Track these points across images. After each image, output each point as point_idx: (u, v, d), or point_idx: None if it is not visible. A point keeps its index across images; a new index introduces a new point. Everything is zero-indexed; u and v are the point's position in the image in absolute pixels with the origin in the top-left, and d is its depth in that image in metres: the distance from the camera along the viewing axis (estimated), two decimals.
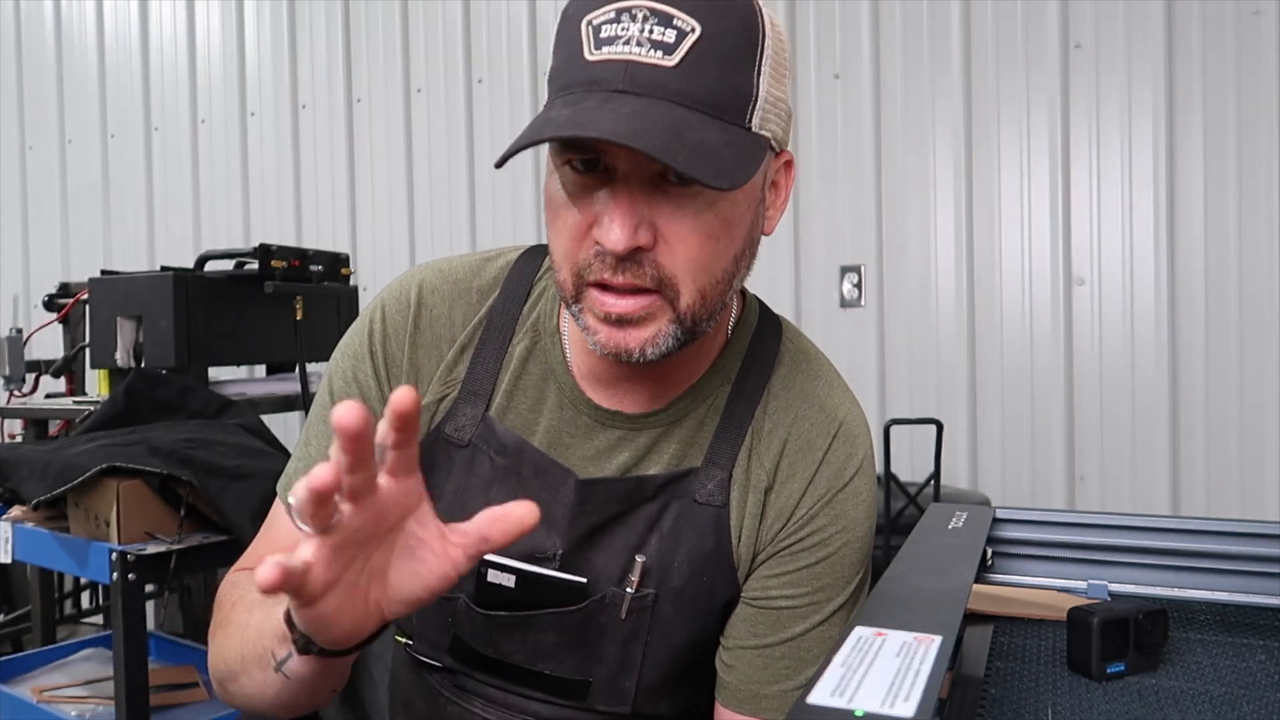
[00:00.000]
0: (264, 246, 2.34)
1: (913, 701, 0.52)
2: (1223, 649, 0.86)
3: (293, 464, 0.94)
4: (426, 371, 0.90)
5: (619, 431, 0.87)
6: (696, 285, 0.76)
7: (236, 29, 4.00)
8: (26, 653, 2.28)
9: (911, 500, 2.40)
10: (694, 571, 0.87)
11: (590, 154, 0.73)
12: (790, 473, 0.89)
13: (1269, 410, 2.52)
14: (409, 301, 0.91)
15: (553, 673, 0.89)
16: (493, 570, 0.86)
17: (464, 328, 0.90)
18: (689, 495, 0.87)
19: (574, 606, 0.86)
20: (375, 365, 0.90)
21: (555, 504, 0.85)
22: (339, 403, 0.53)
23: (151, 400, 1.98)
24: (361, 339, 0.91)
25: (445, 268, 0.93)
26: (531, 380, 0.88)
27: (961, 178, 2.83)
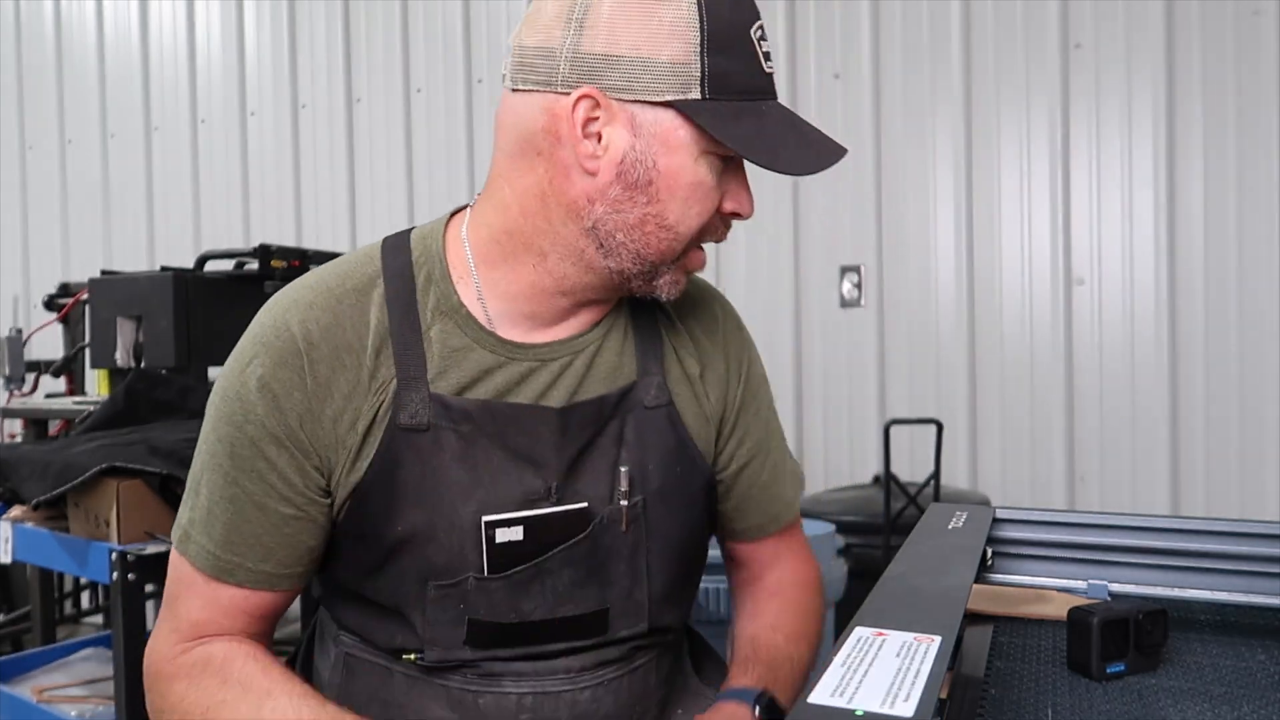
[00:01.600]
0: (264, 246, 2.33)
1: (913, 701, 0.52)
2: (1223, 649, 0.86)
3: (185, 514, 0.91)
4: (344, 395, 0.88)
5: (558, 361, 0.92)
6: None
7: (236, 29, 4.00)
8: (26, 653, 2.28)
9: (911, 500, 2.40)
10: (666, 468, 0.95)
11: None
12: (710, 352, 1.02)
13: (1269, 410, 2.52)
14: (295, 352, 0.87)
15: (572, 613, 0.91)
16: (500, 529, 0.88)
17: (362, 330, 0.89)
18: (639, 404, 0.94)
19: (581, 535, 0.90)
20: (288, 445, 0.87)
21: (537, 444, 0.90)
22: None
23: (151, 400, 1.98)
24: (258, 423, 0.87)
25: (304, 292, 0.91)
26: (458, 353, 0.90)
27: (961, 178, 2.83)
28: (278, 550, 0.89)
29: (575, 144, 0.83)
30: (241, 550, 0.88)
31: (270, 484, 0.87)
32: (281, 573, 0.90)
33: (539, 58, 0.83)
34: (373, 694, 0.96)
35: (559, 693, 0.93)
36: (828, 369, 2.99)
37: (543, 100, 0.84)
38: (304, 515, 0.88)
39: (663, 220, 0.85)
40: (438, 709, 0.94)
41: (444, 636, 0.91)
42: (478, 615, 0.90)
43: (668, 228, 0.86)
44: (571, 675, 0.93)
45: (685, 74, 0.82)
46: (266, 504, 0.87)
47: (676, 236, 0.87)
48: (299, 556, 0.90)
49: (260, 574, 0.89)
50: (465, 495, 0.88)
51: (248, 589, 0.89)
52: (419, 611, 0.90)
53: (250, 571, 0.89)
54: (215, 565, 0.89)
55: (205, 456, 0.90)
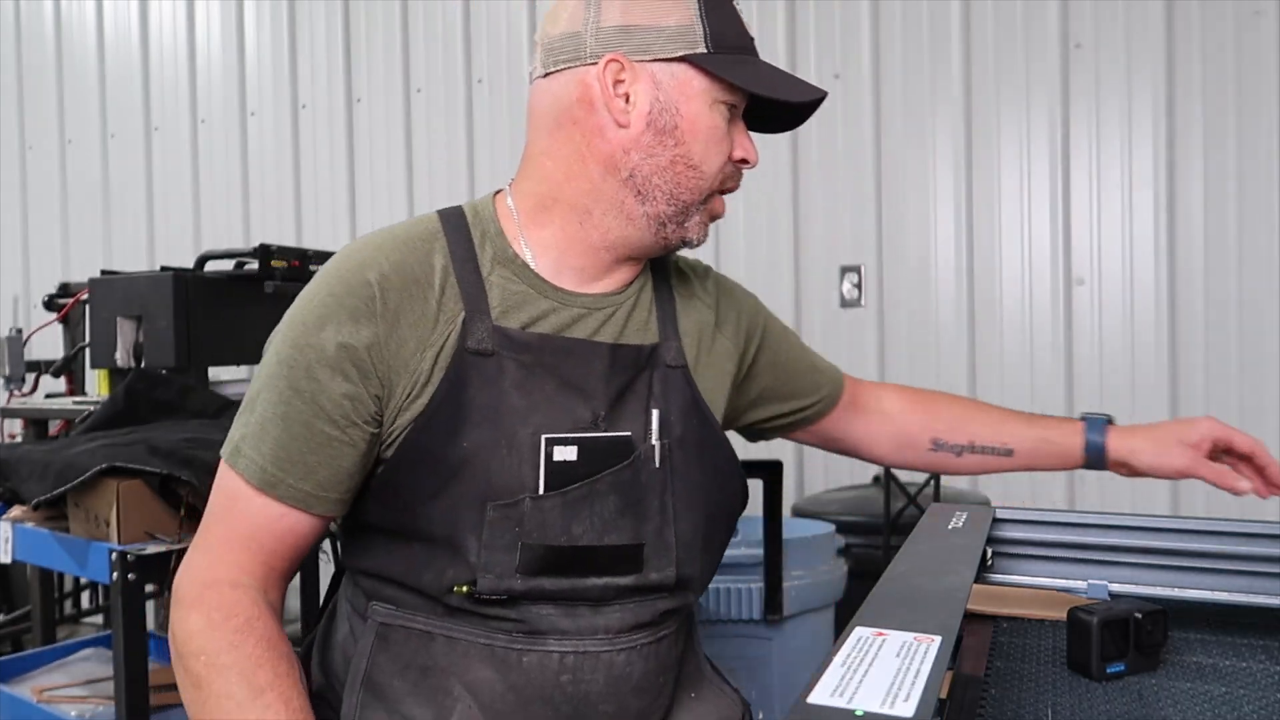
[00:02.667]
0: (264, 246, 2.33)
1: (913, 701, 0.52)
2: (1223, 649, 0.86)
3: (238, 430, 0.98)
4: (411, 324, 0.96)
5: (601, 311, 1.03)
6: None
7: (236, 29, 4.00)
8: (26, 653, 2.28)
9: (911, 500, 2.40)
10: (685, 420, 1.05)
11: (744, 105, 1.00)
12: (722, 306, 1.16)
13: (1269, 410, 2.52)
14: (365, 283, 0.95)
15: (614, 542, 0.99)
16: (557, 447, 0.96)
17: (428, 269, 0.98)
18: (663, 362, 1.05)
19: (625, 462, 0.99)
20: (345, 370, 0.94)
21: (589, 375, 1.00)
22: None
23: (151, 400, 1.98)
24: (319, 348, 0.94)
25: (372, 237, 1.01)
26: (517, 295, 1.00)
27: (961, 178, 2.83)
28: (318, 471, 0.95)
29: (608, 102, 0.97)
30: (286, 466, 0.94)
31: (320, 406, 0.94)
32: (318, 494, 0.95)
33: (565, 41, 0.98)
34: (408, 661, 0.99)
35: (598, 653, 0.99)
36: None
37: (574, 75, 0.98)
38: (347, 439, 0.94)
39: (690, 160, 0.99)
40: (480, 669, 0.97)
41: (498, 562, 0.95)
42: (530, 538, 0.95)
43: (694, 167, 0.99)
44: (610, 637, 0.99)
45: (691, 34, 0.97)
46: (314, 424, 0.94)
47: (702, 175, 0.99)
48: (336, 481, 0.96)
49: (300, 492, 0.95)
50: (523, 418, 0.96)
51: (286, 505, 0.95)
52: (475, 536, 0.95)
53: (292, 489, 0.94)
54: (262, 478, 0.95)
55: (264, 377, 0.97)
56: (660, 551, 1.01)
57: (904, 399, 1.32)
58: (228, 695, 0.89)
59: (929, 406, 1.31)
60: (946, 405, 1.32)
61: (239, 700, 0.88)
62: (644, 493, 1.00)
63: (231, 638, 0.91)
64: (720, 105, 0.99)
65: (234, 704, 0.88)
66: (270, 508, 0.95)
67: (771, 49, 3.04)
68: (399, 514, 0.97)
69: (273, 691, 0.89)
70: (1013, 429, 1.25)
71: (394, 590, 0.99)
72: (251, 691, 0.89)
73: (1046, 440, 1.23)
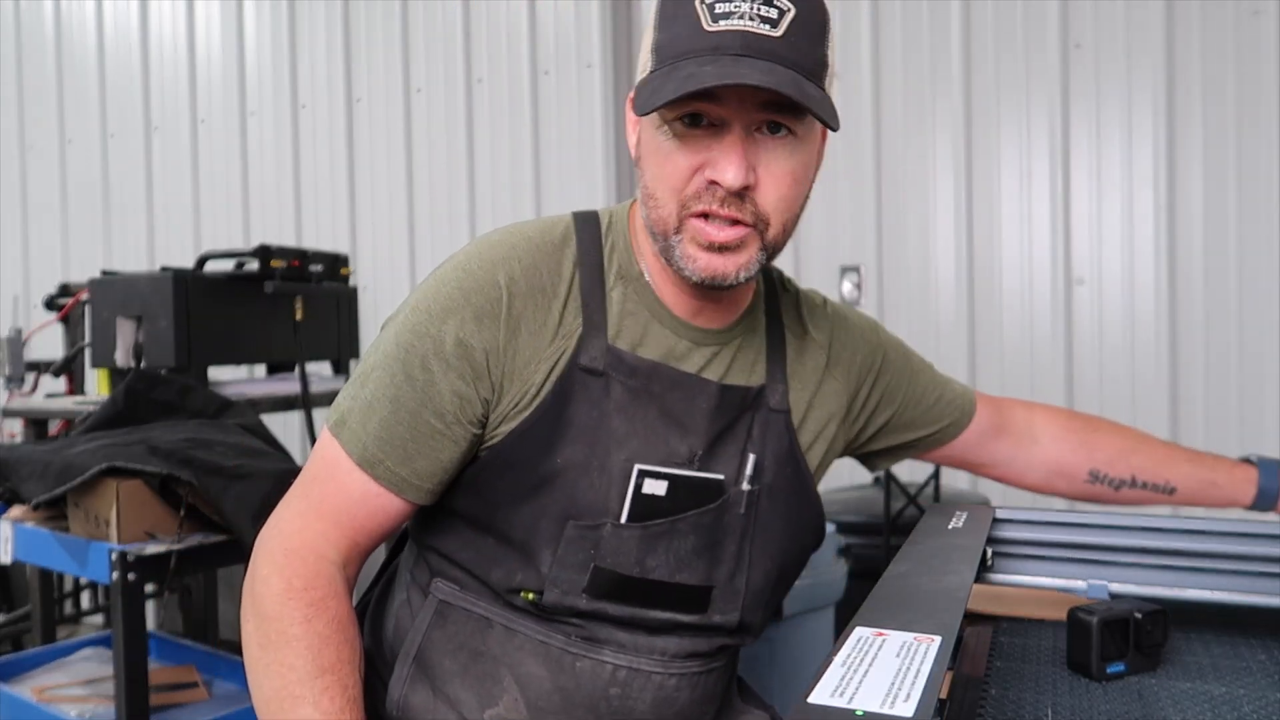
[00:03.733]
0: (264, 246, 2.34)
1: (913, 701, 0.52)
2: (1223, 649, 0.86)
3: (347, 401, 0.98)
4: (532, 332, 0.96)
5: (709, 347, 1.01)
6: (781, 220, 0.93)
7: (236, 29, 4.00)
8: (26, 652, 2.28)
9: (911, 500, 2.40)
10: (779, 467, 1.03)
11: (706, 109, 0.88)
12: (839, 344, 1.12)
13: (1269, 410, 2.52)
14: (493, 284, 0.95)
15: (685, 581, 0.98)
16: (648, 480, 0.96)
17: (556, 279, 0.98)
18: (766, 405, 1.03)
19: (712, 505, 0.98)
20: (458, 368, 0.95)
21: (692, 411, 0.98)
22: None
23: (151, 400, 1.98)
24: (438, 340, 0.95)
25: (506, 236, 1.00)
26: (633, 316, 0.99)
27: (961, 178, 2.83)
28: (417, 459, 0.95)
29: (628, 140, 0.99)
30: (387, 449, 0.95)
31: (429, 397, 0.94)
32: (413, 482, 0.96)
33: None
34: (462, 643, 1.00)
35: (650, 673, 0.99)
36: None
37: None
38: (449, 435, 0.95)
39: (649, 190, 0.94)
40: (532, 664, 0.98)
41: (567, 579, 0.95)
42: (604, 563, 0.95)
43: (651, 195, 0.94)
44: (666, 659, 1.00)
45: (646, 57, 0.93)
46: (420, 413, 0.95)
47: (657, 203, 0.93)
48: (432, 471, 0.96)
49: (397, 476, 0.95)
50: (620, 443, 0.96)
51: (381, 485, 0.96)
52: (550, 550, 0.95)
53: (390, 470, 0.96)
54: (363, 454, 0.95)
55: (380, 354, 0.98)
56: (729, 596, 1.01)
57: (1059, 425, 1.28)
58: (290, 667, 0.90)
59: (1089, 436, 1.27)
60: (1108, 436, 1.28)
61: (300, 675, 0.89)
62: (724, 536, 0.99)
63: (306, 610, 0.92)
64: (672, 124, 0.90)
65: (295, 677, 0.89)
66: (366, 485, 0.96)
67: None
68: (481, 510, 0.98)
69: (333, 675, 0.90)
70: (1178, 468, 1.25)
71: (460, 574, 1.01)
72: (314, 669, 0.90)
73: (1213, 484, 1.23)
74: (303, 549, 0.95)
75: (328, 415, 0.99)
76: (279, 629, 0.91)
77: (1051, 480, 1.28)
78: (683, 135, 0.90)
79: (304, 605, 0.92)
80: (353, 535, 0.97)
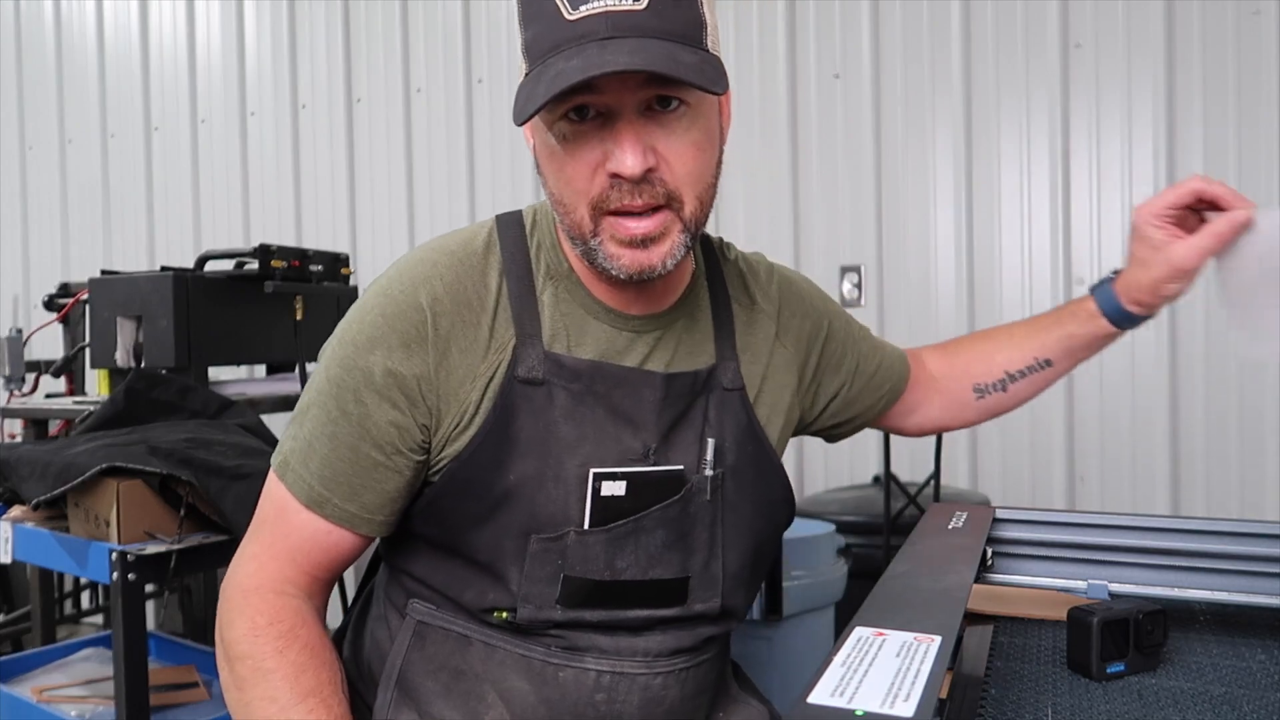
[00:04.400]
0: (264, 246, 2.33)
1: (913, 701, 0.52)
2: (1223, 649, 0.86)
3: (288, 442, 0.97)
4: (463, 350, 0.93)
5: (651, 334, 0.98)
6: (695, 193, 0.89)
7: (236, 29, 4.00)
8: (26, 653, 2.28)
9: (911, 500, 2.40)
10: (740, 447, 1.01)
11: (588, 101, 0.83)
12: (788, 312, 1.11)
13: (1269, 410, 2.52)
14: (417, 307, 0.92)
15: (660, 576, 0.96)
16: (606, 482, 0.94)
17: (482, 291, 0.95)
18: (719, 386, 1.01)
19: (675, 497, 0.96)
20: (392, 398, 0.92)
21: (640, 406, 0.96)
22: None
23: (151, 400, 1.98)
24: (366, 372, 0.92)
25: (428, 253, 0.97)
26: (567, 316, 0.96)
27: (961, 178, 2.83)
28: (363, 493, 0.94)
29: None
30: (332, 486, 0.94)
31: (366, 430, 0.92)
32: (363, 515, 0.95)
33: None
34: (442, 663, 0.99)
35: (635, 675, 0.97)
36: None
37: None
38: (392, 466, 0.93)
39: (556, 197, 0.91)
40: (515, 678, 0.97)
41: (538, 594, 0.94)
42: (573, 571, 0.94)
43: (560, 201, 0.90)
44: (649, 659, 0.98)
45: (520, 60, 0.89)
46: (360, 447, 0.93)
47: (567, 209, 0.89)
48: (381, 504, 0.95)
49: (346, 513, 0.94)
50: (572, 450, 0.93)
51: (332, 523, 0.95)
52: (517, 567, 0.93)
53: (337, 508, 0.94)
54: (309, 495, 0.94)
55: (314, 392, 0.96)
56: (706, 584, 0.99)
57: (938, 358, 1.26)
58: (271, 699, 0.89)
59: (956, 357, 1.25)
60: (969, 348, 1.25)
61: (283, 704, 0.89)
62: (692, 525, 0.97)
63: (276, 644, 0.91)
64: (559, 124, 0.86)
65: (277, 707, 0.89)
66: (317, 524, 0.95)
67: (772, 49, 3.05)
68: (443, 535, 0.97)
69: (315, 697, 0.90)
70: (1037, 339, 1.18)
71: (434, 594, 0.99)
72: (296, 696, 0.89)
73: (1072, 335, 1.15)
74: (263, 588, 0.94)
75: (273, 457, 0.98)
76: (253, 666, 0.91)
77: (953, 413, 1.25)
78: (573, 134, 0.86)
79: (273, 639, 0.91)
80: (311, 571, 0.97)
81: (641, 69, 0.79)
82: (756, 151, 3.00)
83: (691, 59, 0.82)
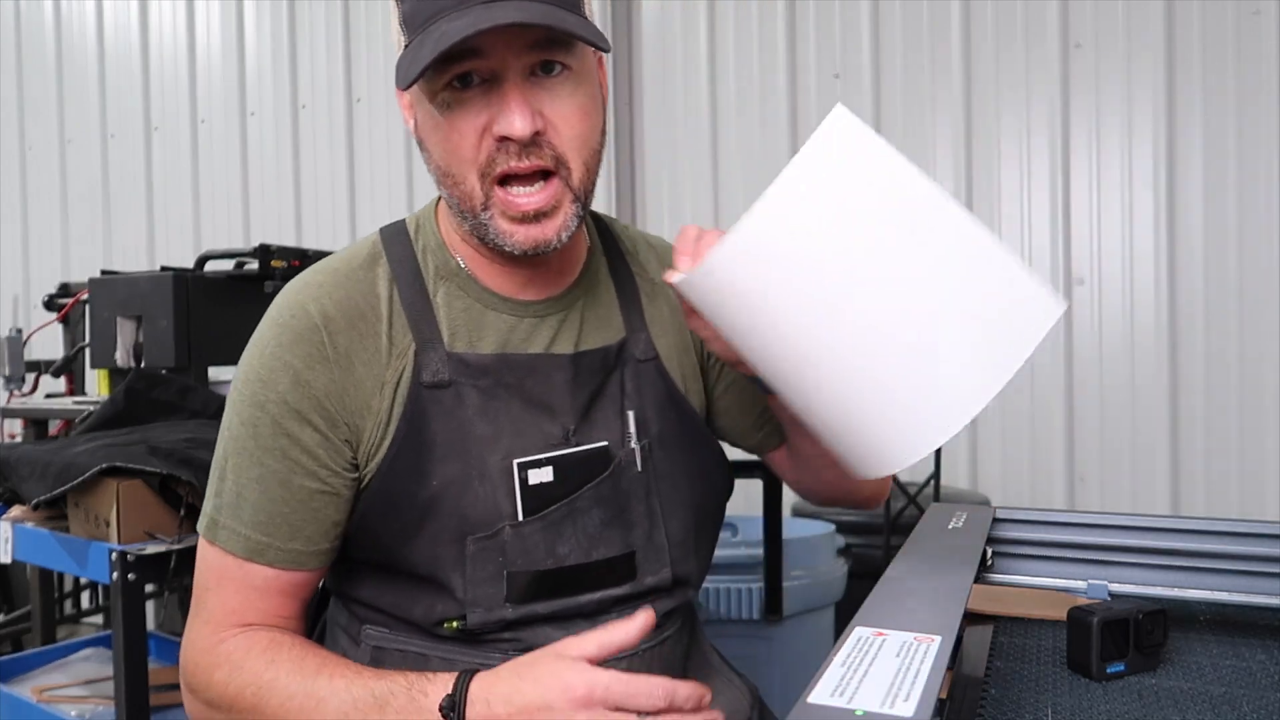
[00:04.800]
0: (264, 246, 2.33)
1: (913, 701, 0.52)
2: (1223, 649, 0.86)
3: (211, 504, 0.94)
4: (365, 362, 0.92)
5: (555, 316, 0.98)
6: (582, 159, 0.89)
7: (236, 29, 4.00)
8: (26, 653, 2.28)
9: (911, 500, 2.40)
10: (662, 415, 1.01)
11: (473, 67, 0.83)
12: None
13: (1269, 410, 2.52)
14: (312, 328, 0.91)
15: (604, 555, 0.96)
16: (531, 471, 0.93)
17: (373, 300, 0.94)
18: (633, 358, 1.01)
19: (605, 474, 0.96)
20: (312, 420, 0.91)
21: (552, 391, 0.95)
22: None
23: (151, 400, 1.98)
24: (280, 400, 0.91)
25: (313, 275, 0.96)
26: (464, 313, 0.95)
27: (961, 178, 2.83)
28: (305, 527, 0.92)
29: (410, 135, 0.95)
30: (270, 530, 0.91)
31: (295, 460, 0.91)
32: (309, 550, 0.93)
33: None
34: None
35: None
36: None
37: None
38: (329, 489, 0.92)
39: (442, 170, 0.90)
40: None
41: (484, 596, 0.93)
42: (515, 566, 0.93)
43: (445, 174, 0.89)
44: None
45: (397, 36, 0.88)
46: (291, 480, 0.91)
47: (455, 180, 0.88)
48: (324, 532, 0.93)
49: (290, 552, 0.92)
50: (491, 445, 0.93)
51: (278, 568, 0.92)
52: (458, 573, 0.92)
53: (280, 551, 0.92)
54: (247, 547, 0.91)
55: (229, 442, 0.94)
56: (652, 556, 0.99)
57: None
58: (289, 696, 0.87)
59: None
60: None
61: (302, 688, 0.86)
62: (628, 500, 0.97)
63: (265, 656, 0.89)
64: (439, 96, 0.86)
65: (296, 705, 0.86)
66: (263, 573, 0.92)
67: (771, 49, 3.05)
68: (379, 553, 0.95)
69: (326, 669, 0.87)
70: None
71: (386, 617, 0.98)
72: (306, 676, 0.87)
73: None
74: (225, 639, 0.91)
75: (199, 525, 0.95)
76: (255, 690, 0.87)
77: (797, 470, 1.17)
78: (456, 102, 0.85)
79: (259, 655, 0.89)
80: (268, 617, 0.94)
81: (534, 22, 0.79)
82: (756, 151, 2.99)
83: (575, 19, 0.83)
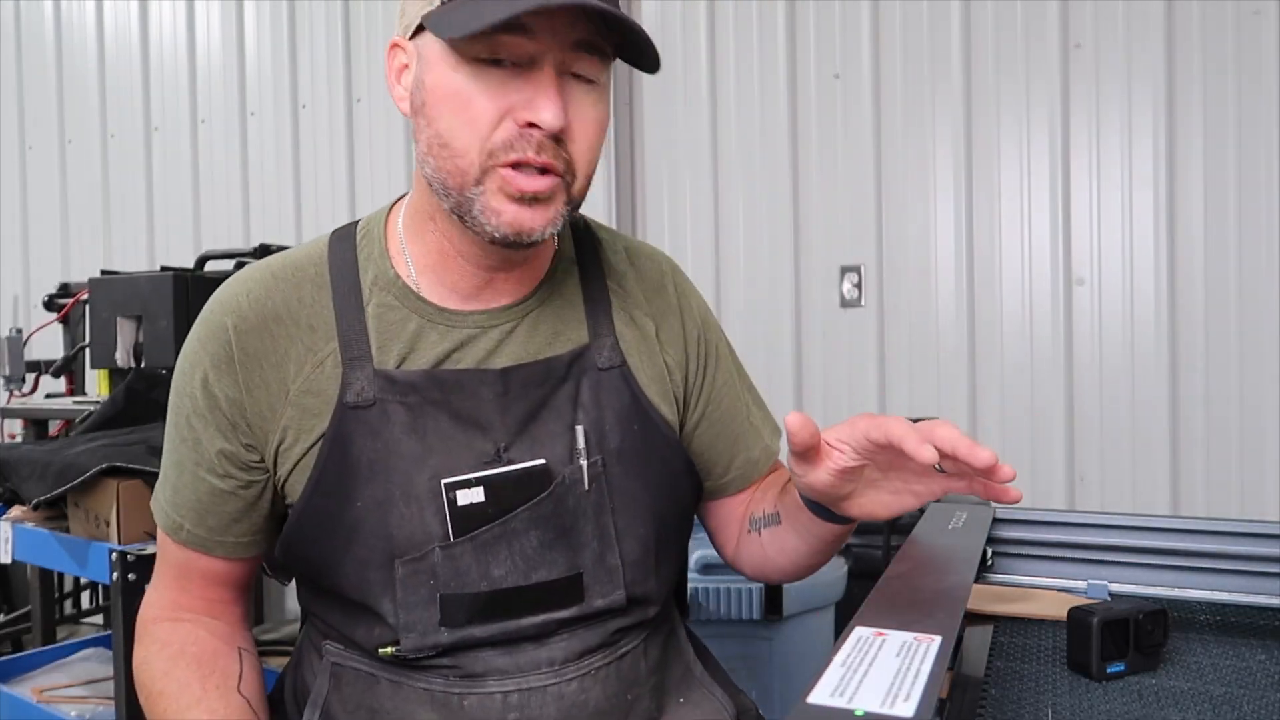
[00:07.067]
0: (264, 246, 2.34)
1: (913, 701, 0.52)
2: (1223, 649, 0.86)
3: (163, 490, 0.98)
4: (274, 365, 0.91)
5: (498, 328, 0.93)
6: (586, 172, 0.87)
7: (236, 29, 4.00)
8: (26, 653, 2.28)
9: None
10: (624, 427, 0.95)
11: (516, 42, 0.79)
12: (662, 310, 1.03)
13: (1269, 410, 2.52)
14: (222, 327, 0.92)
15: (545, 578, 0.92)
16: (460, 491, 0.89)
17: (294, 304, 0.92)
18: (593, 366, 0.95)
19: (543, 494, 0.91)
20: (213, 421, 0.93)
21: (481, 406, 0.91)
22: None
23: (151, 400, 1.98)
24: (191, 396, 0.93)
25: (248, 271, 0.96)
26: (397, 325, 0.92)
27: (961, 178, 2.83)
28: (208, 516, 0.95)
29: (390, 89, 0.89)
30: (184, 511, 0.95)
31: (200, 454, 0.93)
32: (215, 539, 0.95)
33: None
34: (359, 702, 0.96)
35: (544, 687, 0.93)
36: (828, 369, 2.99)
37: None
38: (227, 488, 0.94)
39: (440, 139, 0.84)
40: (424, 713, 0.93)
41: (418, 620, 0.90)
42: (448, 589, 0.90)
43: (444, 145, 0.84)
44: (555, 668, 0.93)
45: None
46: (197, 472, 0.94)
47: (454, 153, 0.83)
48: (227, 526, 0.95)
49: (197, 537, 0.95)
50: (419, 464, 0.89)
51: (191, 550, 0.96)
52: (388, 596, 0.90)
53: (190, 533, 0.95)
54: (166, 522, 0.97)
55: (168, 418, 0.98)
56: (603, 578, 0.94)
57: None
58: (163, 712, 0.93)
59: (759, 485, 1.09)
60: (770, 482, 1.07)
61: (176, 713, 0.92)
62: (574, 520, 0.92)
63: (165, 666, 0.94)
64: (473, 64, 0.81)
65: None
66: (180, 550, 0.97)
67: (771, 49, 3.05)
68: (313, 573, 0.95)
69: (203, 704, 0.92)
70: (775, 491, 1.03)
71: (339, 635, 0.98)
72: (183, 706, 0.92)
73: (792, 492, 0.95)
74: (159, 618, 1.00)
75: None
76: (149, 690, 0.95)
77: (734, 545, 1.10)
78: (484, 75, 0.81)
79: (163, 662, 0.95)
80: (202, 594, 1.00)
81: (609, 10, 0.78)
82: (756, 151, 3.00)
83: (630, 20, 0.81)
